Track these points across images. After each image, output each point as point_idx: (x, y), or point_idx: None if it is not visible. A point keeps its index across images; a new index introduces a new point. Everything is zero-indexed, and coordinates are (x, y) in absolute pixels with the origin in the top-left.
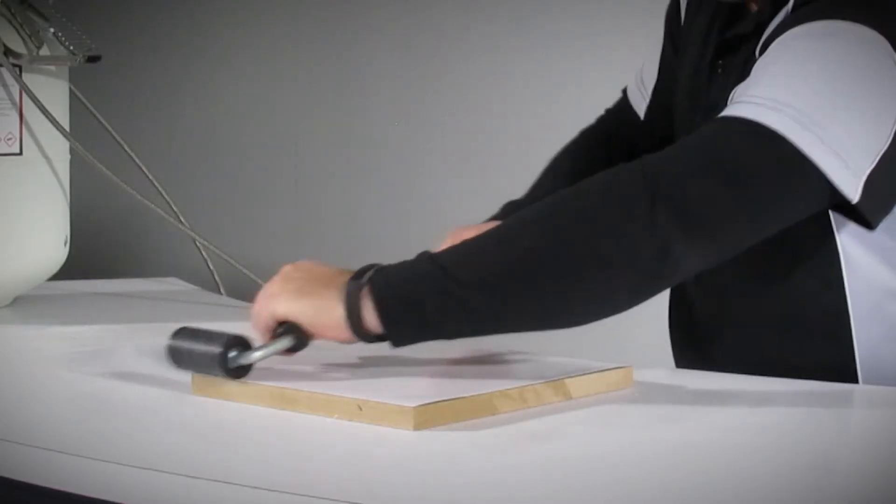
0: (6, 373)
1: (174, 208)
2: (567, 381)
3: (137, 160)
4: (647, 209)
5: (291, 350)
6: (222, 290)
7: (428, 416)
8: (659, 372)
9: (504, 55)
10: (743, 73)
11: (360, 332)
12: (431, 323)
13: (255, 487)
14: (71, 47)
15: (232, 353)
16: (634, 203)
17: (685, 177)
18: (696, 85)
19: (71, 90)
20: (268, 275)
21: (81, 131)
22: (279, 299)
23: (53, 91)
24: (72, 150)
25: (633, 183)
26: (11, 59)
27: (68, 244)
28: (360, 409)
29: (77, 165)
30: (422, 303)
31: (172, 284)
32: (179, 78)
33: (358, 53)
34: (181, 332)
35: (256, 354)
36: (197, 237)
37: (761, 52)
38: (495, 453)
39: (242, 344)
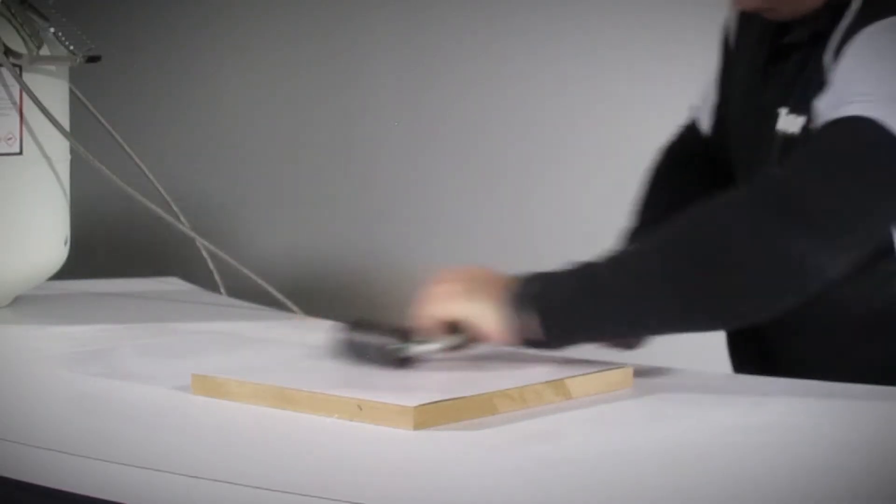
0: (6, 373)
1: (174, 208)
2: (567, 381)
3: (137, 160)
4: (784, 224)
5: (457, 348)
6: (222, 290)
7: (428, 416)
8: (659, 372)
9: (504, 55)
10: (796, 78)
11: (524, 340)
12: (590, 334)
13: (255, 487)
14: (71, 47)
15: (400, 347)
16: (772, 220)
17: (816, 185)
18: (749, 91)
19: (71, 90)
20: (268, 275)
21: (81, 131)
22: (452, 301)
23: (53, 91)
24: (72, 150)
25: (766, 201)
26: (11, 59)
27: (68, 244)
28: (360, 409)
29: (77, 165)
30: (581, 318)
31: (172, 284)
32: (179, 78)
33: (358, 53)
34: (353, 325)
35: (421, 349)
36: (197, 237)
37: (836, 53)
38: (495, 453)
39: (411, 337)
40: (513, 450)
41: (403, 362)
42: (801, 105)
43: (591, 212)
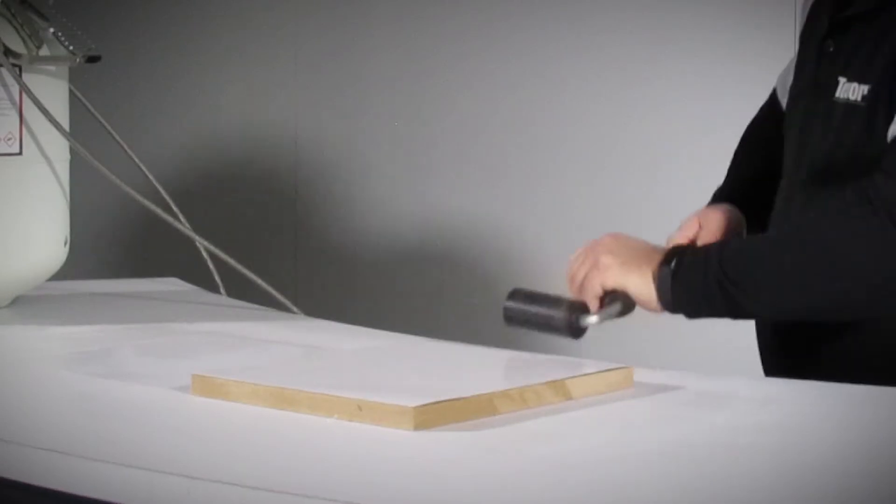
0: (6, 373)
1: (174, 208)
2: (567, 381)
3: (137, 160)
4: (889, 233)
5: (619, 315)
6: (222, 290)
7: (428, 417)
8: (659, 372)
9: (504, 55)
10: (856, 51)
11: (669, 309)
12: (717, 313)
13: (255, 487)
14: (71, 47)
15: (576, 316)
16: (877, 229)
17: None
18: (804, 65)
19: (71, 90)
20: (268, 275)
21: (81, 131)
22: (609, 271)
23: (53, 91)
24: (72, 150)
25: (868, 212)
26: (11, 59)
27: (68, 244)
28: (360, 409)
29: (77, 165)
30: (708, 303)
31: (172, 284)
32: (179, 78)
33: (358, 53)
34: (518, 295)
35: (594, 319)
36: (197, 237)
37: None
38: (495, 453)
39: (582, 308)
40: (513, 450)
41: (582, 332)
42: (862, 73)
43: (591, 211)
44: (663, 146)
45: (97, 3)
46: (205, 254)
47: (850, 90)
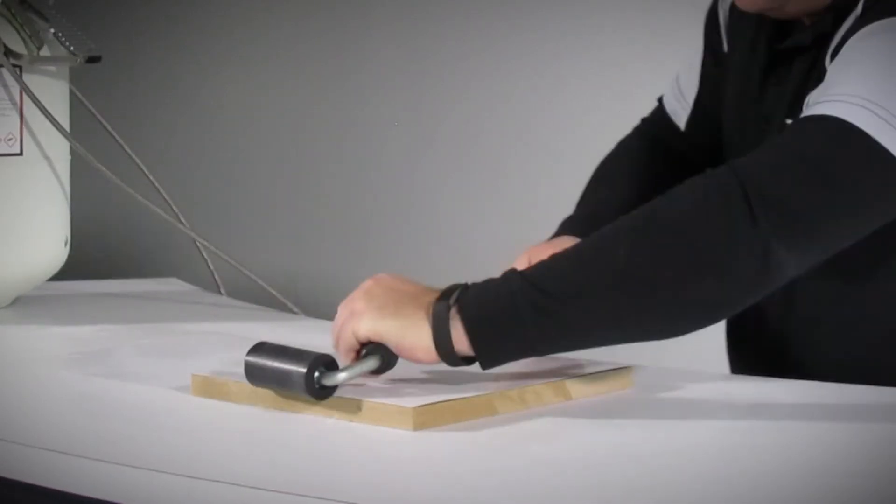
0: (6, 373)
1: (174, 208)
2: (567, 381)
3: (137, 160)
4: (746, 215)
5: (377, 372)
6: (222, 290)
7: (427, 417)
8: (659, 372)
9: (504, 55)
10: (802, 84)
11: (449, 356)
12: (525, 342)
13: (255, 487)
14: (71, 47)
15: (317, 374)
16: (733, 210)
17: (781, 180)
18: (746, 98)
19: (71, 90)
20: (268, 275)
21: (81, 131)
22: (363, 318)
23: (53, 91)
24: (72, 150)
25: (729, 190)
26: (11, 60)
27: (68, 244)
28: (360, 409)
29: (77, 165)
30: (515, 323)
31: (172, 285)
32: (179, 78)
33: (358, 53)
34: (260, 348)
35: (342, 376)
36: (197, 237)
37: (832, 58)
38: (495, 454)
39: (327, 364)
40: (512, 451)
41: (326, 392)
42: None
43: None
44: None
45: (97, 3)
46: (205, 254)
47: None
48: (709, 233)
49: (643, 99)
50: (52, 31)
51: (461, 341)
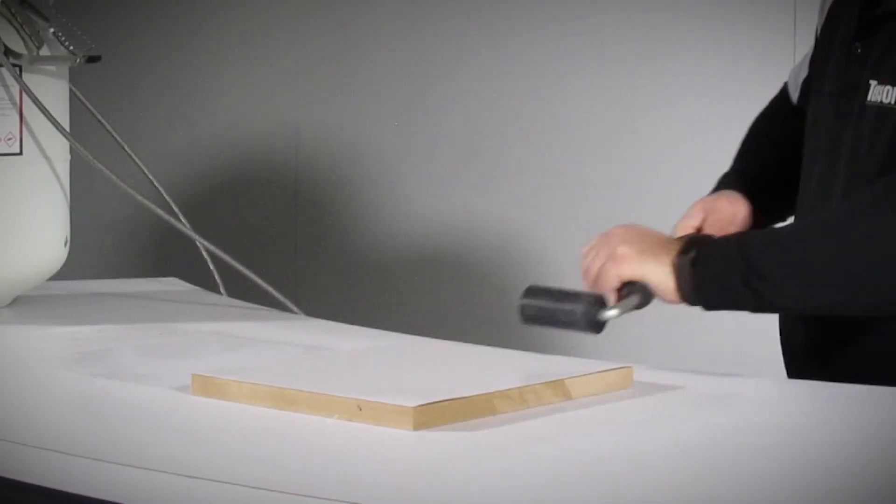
0: (6, 373)
1: (174, 208)
2: (567, 381)
3: (137, 160)
4: None
5: (638, 307)
6: (222, 290)
7: (427, 416)
8: (659, 372)
9: (505, 55)
10: (888, 51)
11: (688, 300)
12: (737, 305)
13: (255, 487)
14: (71, 47)
15: (594, 311)
16: None
17: None
18: (831, 65)
19: (71, 90)
20: (268, 275)
21: (81, 131)
22: (626, 261)
23: (53, 91)
24: (72, 150)
25: None
26: (11, 59)
27: (68, 244)
28: (360, 409)
29: (77, 165)
30: (730, 294)
31: (172, 284)
32: (179, 78)
33: (358, 53)
34: (533, 291)
35: (614, 312)
36: (197, 237)
37: None
38: (495, 453)
39: (600, 302)
40: (512, 450)
41: (602, 326)
42: (894, 75)
43: (591, 211)
44: (667, 143)
45: (97, 3)
46: (205, 254)
47: (883, 93)
48: (892, 248)
49: (643, 99)
50: (52, 30)
51: (694, 294)
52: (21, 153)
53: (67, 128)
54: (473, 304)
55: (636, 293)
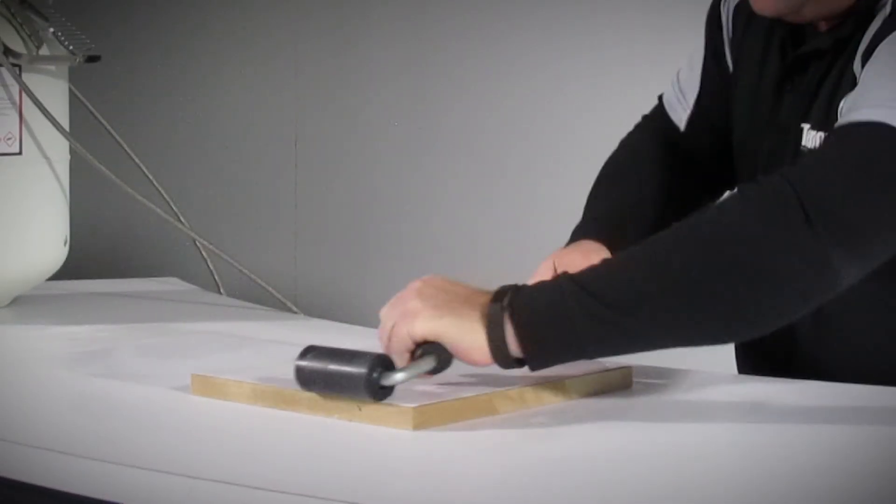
0: (6, 373)
1: (174, 208)
2: (567, 381)
3: (137, 160)
4: (803, 224)
5: (432, 372)
6: (222, 290)
7: (427, 417)
8: (659, 372)
9: (504, 55)
10: (818, 89)
11: (503, 360)
12: (578, 348)
13: (255, 487)
14: (71, 47)
15: (376, 375)
16: (790, 219)
17: (836, 188)
18: (759, 106)
19: (71, 90)
20: (268, 275)
21: (81, 131)
22: (419, 318)
23: (53, 91)
24: (72, 150)
25: (784, 199)
26: (11, 59)
27: (68, 244)
28: (360, 409)
29: (77, 165)
30: (568, 329)
31: (172, 284)
32: (179, 78)
33: (358, 53)
34: (311, 352)
35: (400, 376)
36: (197, 237)
37: (864, 60)
38: (495, 453)
39: (385, 364)
40: (512, 450)
41: (384, 391)
42: (825, 121)
43: None
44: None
45: (97, 3)
46: (205, 254)
47: (816, 139)
48: (766, 242)
49: (643, 99)
50: (52, 30)
51: (514, 345)
52: (21, 153)
53: (67, 128)
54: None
55: (430, 354)
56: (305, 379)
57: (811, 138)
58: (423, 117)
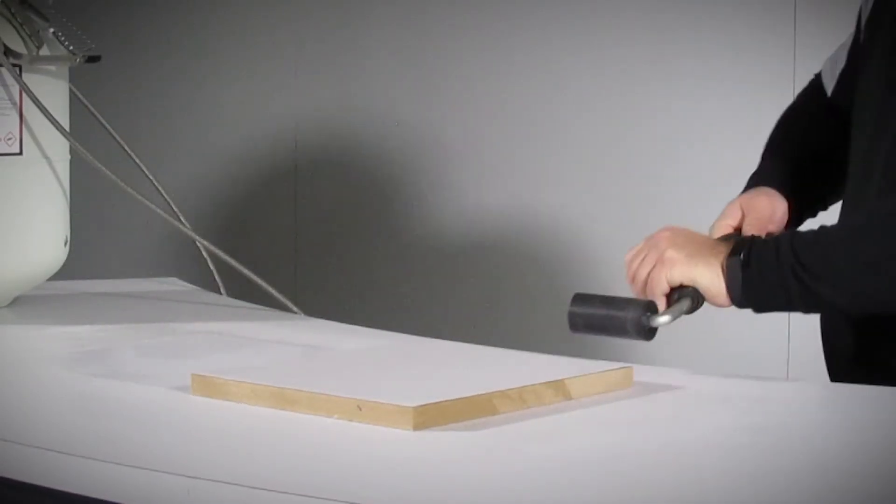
0: (6, 373)
1: (174, 208)
2: (567, 381)
3: (137, 160)
4: None
5: (688, 312)
6: (222, 290)
7: (427, 417)
8: (659, 372)
9: (505, 55)
10: None
11: (739, 303)
12: (790, 305)
13: (255, 487)
14: (71, 47)
15: (645, 318)
16: None
17: None
18: (876, 68)
19: (71, 90)
20: (268, 275)
21: (81, 131)
22: (677, 265)
23: (53, 91)
24: (72, 150)
25: None
26: (11, 59)
27: (68, 244)
28: (360, 409)
29: (77, 165)
30: (783, 294)
31: (172, 285)
32: (179, 78)
33: (358, 54)
34: (582, 299)
35: (665, 318)
36: (197, 237)
37: None
38: (495, 453)
39: (650, 307)
40: (512, 450)
41: (653, 333)
42: None
43: (591, 212)
44: (679, 145)
45: (97, 3)
46: (205, 254)
47: None
48: None
49: (643, 98)
50: (52, 30)
51: (744, 297)
52: (21, 153)
53: (67, 128)
54: (474, 304)
55: (686, 297)
56: (579, 324)
57: None
58: (424, 117)
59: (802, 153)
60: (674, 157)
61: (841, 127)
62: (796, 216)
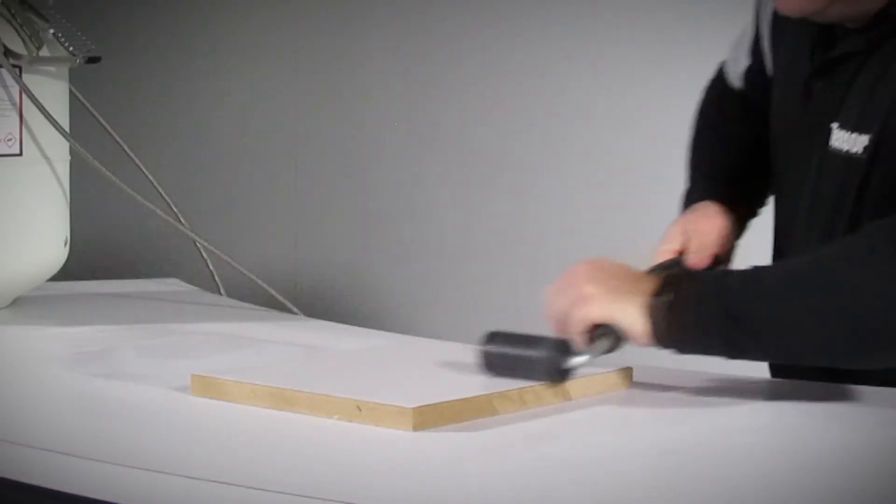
0: (6, 373)
1: (174, 208)
2: (566, 381)
3: (137, 160)
4: None
5: (607, 352)
6: (222, 290)
7: (427, 417)
8: (659, 372)
9: (505, 56)
10: (848, 92)
11: (662, 344)
12: (713, 351)
13: (255, 488)
14: (71, 48)
15: (558, 357)
16: None
17: None
18: (791, 107)
19: (71, 90)
20: (268, 275)
21: (81, 131)
22: (594, 302)
23: (53, 91)
24: (72, 150)
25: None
26: (11, 60)
27: (68, 244)
28: (360, 409)
29: (77, 165)
30: (706, 340)
31: (172, 285)
32: (179, 78)
33: (358, 54)
34: (496, 338)
35: (581, 359)
36: (197, 237)
37: None
38: (495, 454)
39: (565, 348)
40: (512, 451)
41: (567, 374)
42: (859, 121)
43: (591, 213)
44: (679, 146)
45: (97, 3)
46: (205, 254)
47: (845, 140)
48: (887, 298)
49: (643, 98)
50: (52, 31)
51: (669, 338)
52: (21, 154)
53: (67, 128)
54: (474, 304)
55: (606, 336)
56: (490, 364)
57: (841, 139)
58: (424, 118)
59: (731, 156)
60: (674, 158)
61: (758, 117)
62: (742, 219)
